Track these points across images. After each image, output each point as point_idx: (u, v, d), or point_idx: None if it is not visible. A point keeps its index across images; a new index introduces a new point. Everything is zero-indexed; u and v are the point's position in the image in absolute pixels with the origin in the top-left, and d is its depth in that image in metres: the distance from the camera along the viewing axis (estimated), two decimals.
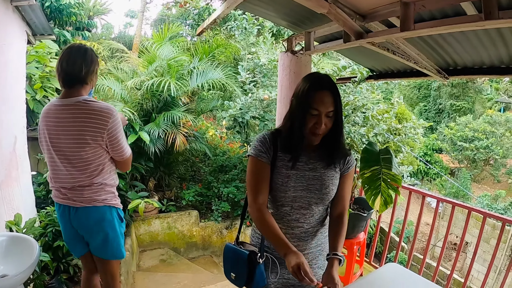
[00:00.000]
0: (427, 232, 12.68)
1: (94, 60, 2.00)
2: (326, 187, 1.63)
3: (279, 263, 1.69)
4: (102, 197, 2.02)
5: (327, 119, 1.52)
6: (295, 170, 1.62)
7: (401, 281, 1.94)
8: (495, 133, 18.59)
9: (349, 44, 2.58)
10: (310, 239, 1.72)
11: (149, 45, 5.79)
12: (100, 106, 1.92)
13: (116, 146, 1.99)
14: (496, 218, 3.37)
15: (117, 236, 2.12)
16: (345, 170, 1.70)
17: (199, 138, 5.65)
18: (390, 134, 4.80)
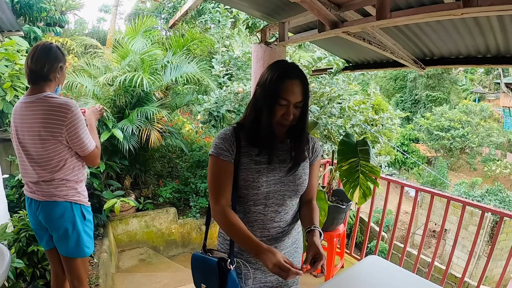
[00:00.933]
0: (406, 221, 12.92)
1: (58, 57, 2.02)
2: (300, 177, 1.56)
3: (254, 268, 1.62)
4: (63, 193, 2.03)
5: (296, 109, 1.45)
6: (266, 164, 1.53)
7: (381, 273, 1.94)
8: (471, 122, 19.07)
9: (324, 34, 2.52)
10: (287, 238, 1.65)
11: (122, 39, 5.64)
12: (59, 102, 1.93)
13: (76, 142, 1.98)
14: (476, 206, 3.41)
15: (78, 234, 2.10)
16: (314, 159, 1.65)
17: (175, 134, 5.55)
18: (367, 125, 4.80)
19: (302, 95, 1.44)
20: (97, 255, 3.91)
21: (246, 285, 1.62)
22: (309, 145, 1.64)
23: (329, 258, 3.23)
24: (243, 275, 1.61)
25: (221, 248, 1.70)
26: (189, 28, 8.44)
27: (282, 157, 1.56)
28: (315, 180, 1.68)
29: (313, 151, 1.65)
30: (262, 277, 1.65)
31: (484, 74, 27.00)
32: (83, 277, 2.23)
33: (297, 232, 1.72)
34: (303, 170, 1.59)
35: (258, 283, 1.65)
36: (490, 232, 11.32)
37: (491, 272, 10.71)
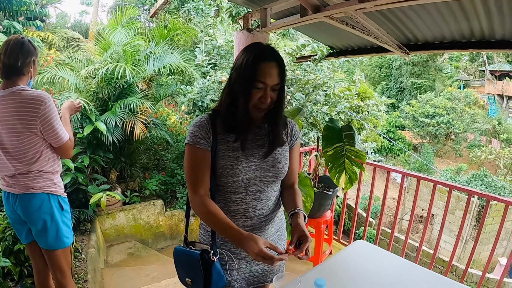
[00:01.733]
0: (393, 207, 13.08)
1: (31, 51, 2.03)
2: (279, 161, 1.53)
3: (238, 258, 1.60)
4: (40, 184, 2.03)
5: (273, 92, 1.41)
6: (243, 150, 1.47)
7: (369, 258, 1.94)
8: (456, 109, 19.30)
9: (306, 18, 2.49)
10: (270, 226, 1.62)
11: (103, 31, 5.53)
12: (32, 94, 1.94)
13: (50, 133, 1.99)
14: (462, 190, 3.44)
15: (57, 224, 2.11)
16: (293, 143, 1.61)
17: (159, 125, 5.49)
18: (353, 112, 4.81)
19: (279, 77, 1.39)
20: (85, 251, 3.87)
21: (231, 276, 1.60)
22: (288, 129, 1.61)
23: (317, 244, 3.24)
24: (228, 266, 1.59)
25: (203, 240, 1.66)
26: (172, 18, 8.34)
27: (260, 142, 1.53)
28: (295, 164, 1.65)
29: (292, 134, 1.61)
30: (247, 267, 1.63)
31: (469, 61, 27.30)
32: (65, 269, 2.23)
33: (280, 219, 1.70)
34: (282, 154, 1.55)
35: (243, 273, 1.63)
36: (476, 217, 11.54)
37: (479, 255, 10.95)
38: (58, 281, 2.24)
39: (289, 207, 1.56)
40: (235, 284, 1.62)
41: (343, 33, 3.23)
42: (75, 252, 3.69)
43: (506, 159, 15.66)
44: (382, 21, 2.77)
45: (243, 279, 1.64)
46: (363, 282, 1.70)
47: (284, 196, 1.64)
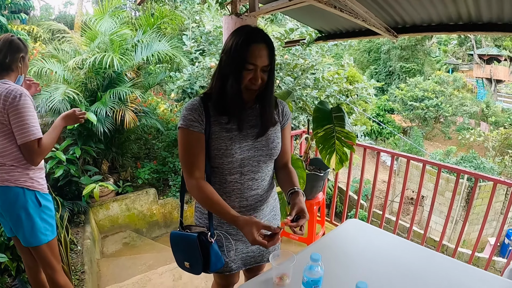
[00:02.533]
0: (383, 189, 13.26)
1: (20, 48, 2.06)
2: (272, 141, 1.56)
3: (235, 239, 1.63)
4: (14, 178, 1.99)
5: (263, 73, 1.43)
6: (237, 131, 1.50)
7: (362, 235, 1.97)
8: (444, 92, 19.43)
9: (295, 1, 2.49)
10: (265, 206, 1.66)
11: (89, 21, 5.46)
12: (6, 88, 1.92)
13: (16, 127, 1.92)
14: (451, 169, 3.49)
15: (33, 220, 2.05)
16: (285, 122, 1.64)
17: (149, 113, 5.46)
18: (342, 96, 4.83)
19: (268, 58, 1.42)
20: (80, 243, 3.88)
21: (229, 256, 1.64)
22: (279, 109, 1.64)
23: (310, 226, 3.29)
24: (225, 247, 1.62)
25: (199, 222, 1.69)
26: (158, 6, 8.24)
27: (252, 122, 1.55)
28: (287, 143, 1.68)
29: (283, 114, 1.64)
30: (244, 247, 1.67)
31: (458, 45, 27.41)
32: (54, 263, 2.19)
33: (274, 199, 1.75)
34: (275, 134, 1.58)
35: (240, 254, 1.67)
36: (466, 198, 11.71)
37: (469, 236, 11.15)
38: (49, 276, 2.22)
39: (286, 186, 1.58)
40: (233, 265, 1.66)
41: (331, 17, 3.24)
42: (71, 244, 3.70)
43: (495, 141, 15.84)
44: (370, 4, 2.78)
45: (240, 260, 1.68)
46: (357, 258, 1.74)
47: (279, 176, 1.67)
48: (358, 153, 3.59)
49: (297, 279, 1.40)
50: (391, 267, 1.65)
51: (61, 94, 4.27)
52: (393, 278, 1.56)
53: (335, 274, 1.53)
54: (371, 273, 1.59)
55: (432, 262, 1.71)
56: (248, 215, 1.48)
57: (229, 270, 1.67)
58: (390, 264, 1.68)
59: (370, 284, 1.19)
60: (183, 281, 3.13)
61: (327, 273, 1.37)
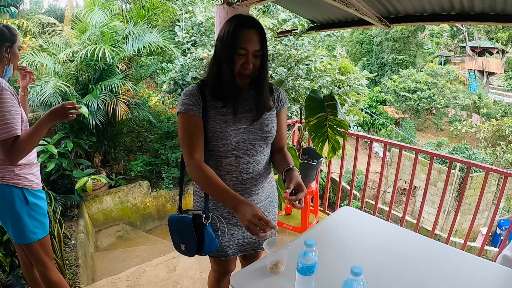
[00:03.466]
0: (376, 180, 13.33)
1: (4, 36, 1.91)
2: (267, 125, 1.58)
3: (230, 224, 1.66)
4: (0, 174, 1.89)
5: (255, 58, 1.46)
6: (232, 114, 1.54)
7: (356, 223, 1.98)
8: (437, 84, 19.50)
9: None
10: (260, 192, 1.68)
11: (80, 13, 5.41)
12: None
13: None
14: (443, 157, 3.51)
15: (20, 218, 1.97)
16: (280, 108, 1.67)
17: (141, 105, 5.44)
18: (334, 86, 4.83)
19: (259, 43, 1.45)
20: (74, 237, 3.88)
21: (224, 241, 1.67)
22: (274, 95, 1.67)
23: (303, 215, 3.30)
24: (220, 231, 1.65)
25: (197, 206, 1.71)
26: None
27: (247, 107, 1.58)
28: (283, 129, 1.71)
29: (279, 100, 1.67)
30: (239, 233, 1.70)
31: (450, 37, 27.46)
32: (46, 260, 2.14)
33: (271, 185, 1.77)
34: (270, 118, 1.61)
35: (235, 239, 1.70)
36: (458, 188, 11.83)
37: (461, 226, 11.28)
38: (41, 273, 2.17)
39: (281, 166, 1.60)
40: (228, 250, 1.70)
41: (324, 6, 3.22)
42: (65, 238, 3.69)
43: (486, 132, 15.96)
44: None
45: (235, 245, 1.72)
46: (351, 244, 1.75)
47: (275, 159, 1.70)
48: (350, 144, 3.60)
49: (292, 266, 1.41)
50: (385, 252, 1.66)
51: (52, 87, 4.23)
52: (387, 263, 1.57)
53: (329, 259, 1.54)
54: (365, 258, 1.60)
55: (425, 248, 1.73)
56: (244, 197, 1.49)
57: (224, 255, 1.70)
58: (384, 249, 1.69)
59: (364, 270, 1.19)
60: (177, 272, 3.14)
61: (321, 259, 1.38)
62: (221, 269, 1.87)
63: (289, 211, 3.94)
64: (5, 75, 1.96)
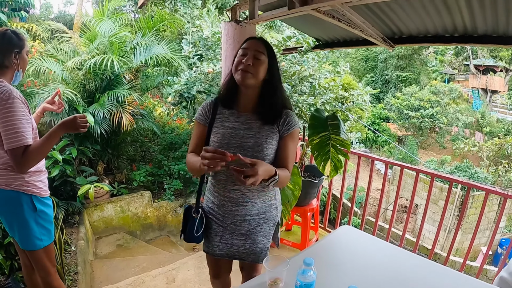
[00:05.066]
0: (377, 197, 13.29)
1: (12, 42, 1.94)
2: (259, 144, 1.67)
3: (222, 226, 1.83)
4: (9, 181, 1.93)
5: (256, 60, 1.61)
6: (231, 129, 1.70)
7: (355, 242, 2.00)
8: (440, 103, 19.52)
9: (294, 11, 2.53)
10: (250, 206, 1.77)
11: (89, 22, 5.49)
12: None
13: (3, 132, 1.80)
14: (444, 178, 3.54)
15: (27, 225, 2.00)
16: (285, 131, 1.72)
17: (146, 116, 5.49)
18: (338, 103, 4.87)
19: (263, 47, 1.64)
20: (74, 243, 3.88)
21: (214, 240, 1.86)
22: (281, 118, 1.72)
23: (303, 231, 3.32)
24: (212, 231, 1.87)
25: (204, 205, 1.93)
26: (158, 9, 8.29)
27: (248, 125, 1.71)
28: (287, 151, 1.73)
29: (285, 123, 1.72)
30: (229, 238, 1.84)
31: (454, 55, 27.61)
32: (49, 267, 2.17)
33: (268, 204, 1.83)
34: (265, 139, 1.69)
35: (225, 243, 1.85)
36: (459, 207, 11.78)
37: (462, 244, 11.21)
38: (43, 279, 2.20)
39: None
40: (216, 250, 1.88)
41: (329, 26, 3.29)
42: (65, 244, 3.70)
43: (489, 151, 15.93)
44: (367, 14, 2.83)
45: (224, 249, 1.87)
46: (349, 264, 1.77)
47: None
48: (352, 161, 3.63)
49: (291, 283, 1.43)
50: (382, 273, 1.68)
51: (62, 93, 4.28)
52: (384, 284, 1.59)
53: (327, 278, 1.56)
54: (363, 278, 1.62)
55: (423, 269, 1.75)
56: (231, 207, 1.76)
57: (212, 252, 1.89)
58: (381, 270, 1.71)
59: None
60: (176, 284, 3.15)
61: (319, 277, 1.40)
62: (212, 269, 2.07)
63: (289, 227, 3.96)
64: (15, 80, 2.00)
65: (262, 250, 1.86)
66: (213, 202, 1.85)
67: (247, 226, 1.81)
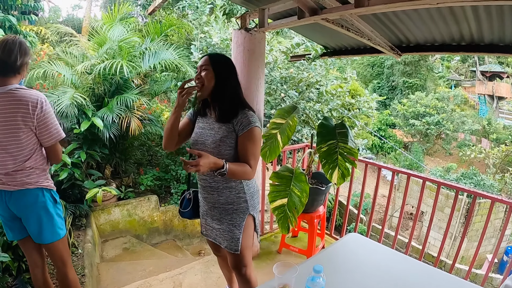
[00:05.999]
0: (383, 204, 13.22)
1: (27, 52, 2.07)
2: (215, 142, 1.93)
3: (204, 210, 2.16)
4: (34, 180, 2.08)
5: (203, 72, 1.91)
6: (201, 129, 2.03)
7: (362, 250, 2.01)
8: (445, 109, 19.43)
9: (304, 20, 2.56)
10: (217, 195, 2.03)
11: (98, 27, 5.55)
12: (30, 93, 2.00)
13: (44, 132, 2.06)
14: (450, 186, 3.53)
15: (52, 217, 2.16)
16: (240, 131, 1.92)
17: (154, 121, 5.52)
18: (344, 109, 4.88)
19: (208, 63, 1.92)
20: (81, 246, 3.91)
21: (201, 222, 2.24)
22: (236, 119, 1.94)
23: (310, 238, 3.33)
24: (201, 213, 2.23)
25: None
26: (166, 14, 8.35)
27: (213, 125, 1.99)
28: (244, 149, 1.93)
29: (238, 124, 1.92)
30: (210, 222, 2.15)
31: (460, 62, 27.54)
32: (65, 257, 2.30)
33: (236, 196, 2.04)
34: (220, 138, 1.94)
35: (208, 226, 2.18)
36: (465, 214, 11.69)
37: (468, 252, 11.13)
38: (60, 270, 2.29)
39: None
40: (203, 231, 2.25)
41: (337, 34, 3.31)
42: (72, 247, 3.73)
43: (495, 158, 15.83)
44: (375, 23, 2.85)
45: (208, 230, 2.19)
46: (356, 271, 1.78)
47: None
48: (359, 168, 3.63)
49: None
50: (389, 281, 1.69)
51: (69, 98, 4.33)
52: None
53: (335, 286, 1.58)
54: (371, 286, 1.63)
55: (429, 278, 1.76)
56: (204, 194, 2.08)
57: (202, 232, 2.27)
58: (388, 278, 1.72)
59: None
60: None
61: (327, 285, 1.42)
62: (210, 245, 2.41)
63: (295, 233, 3.97)
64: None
65: (233, 239, 2.05)
66: (199, 189, 2.18)
67: (218, 213, 2.07)
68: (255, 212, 2.12)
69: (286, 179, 2.79)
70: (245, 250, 2.09)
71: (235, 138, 1.94)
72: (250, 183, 2.10)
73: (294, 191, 2.71)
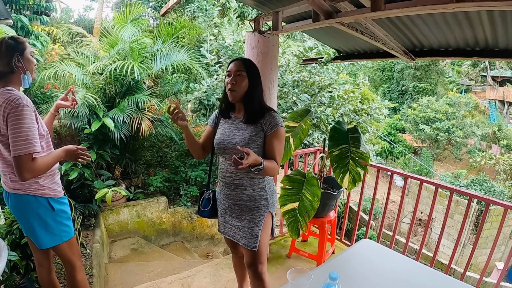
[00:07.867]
0: (393, 209, 13.13)
1: (11, 48, 1.92)
2: (245, 139, 2.00)
3: (223, 208, 2.21)
4: (24, 186, 1.98)
5: (238, 77, 1.98)
6: (227, 129, 2.10)
7: (375, 257, 1.99)
8: (456, 115, 19.26)
9: (318, 23, 2.54)
10: (240, 192, 2.08)
11: (110, 28, 5.58)
12: (8, 97, 1.83)
13: (11, 139, 1.81)
14: (463, 193, 3.47)
15: (46, 224, 2.06)
16: (268, 130, 2.01)
17: (164, 122, 5.53)
18: (355, 115, 4.85)
19: (242, 67, 1.99)
20: (89, 246, 3.92)
21: (220, 220, 2.29)
22: (264, 119, 2.03)
23: (320, 243, 3.30)
24: (219, 212, 2.28)
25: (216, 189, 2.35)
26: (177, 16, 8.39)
27: (239, 125, 2.07)
28: (272, 148, 2.02)
29: (267, 124, 2.02)
30: (229, 220, 2.19)
31: (471, 66, 27.30)
32: (74, 260, 2.23)
33: (258, 194, 2.09)
34: (249, 137, 2.01)
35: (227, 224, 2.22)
36: (475, 221, 11.56)
37: (476, 259, 10.99)
38: (68, 271, 2.26)
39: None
40: (222, 229, 2.29)
41: (350, 37, 3.29)
42: (81, 247, 3.73)
43: (506, 165, 15.65)
44: (390, 27, 2.83)
45: (226, 228, 2.23)
46: (369, 278, 1.77)
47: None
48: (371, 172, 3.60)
49: None
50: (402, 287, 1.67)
51: (81, 98, 4.34)
52: None
53: None
54: None
55: (442, 284, 1.74)
56: (226, 192, 2.13)
57: (220, 230, 2.32)
58: (401, 284, 1.70)
59: None
60: None
61: None
62: (227, 243, 2.45)
63: (305, 238, 3.94)
64: (24, 83, 2.00)
65: (252, 235, 2.09)
66: (219, 187, 2.24)
67: (239, 210, 2.11)
68: (273, 210, 2.19)
69: (298, 183, 2.77)
70: (262, 247, 2.13)
71: (263, 137, 2.03)
72: (271, 182, 2.19)
73: (306, 195, 2.70)
